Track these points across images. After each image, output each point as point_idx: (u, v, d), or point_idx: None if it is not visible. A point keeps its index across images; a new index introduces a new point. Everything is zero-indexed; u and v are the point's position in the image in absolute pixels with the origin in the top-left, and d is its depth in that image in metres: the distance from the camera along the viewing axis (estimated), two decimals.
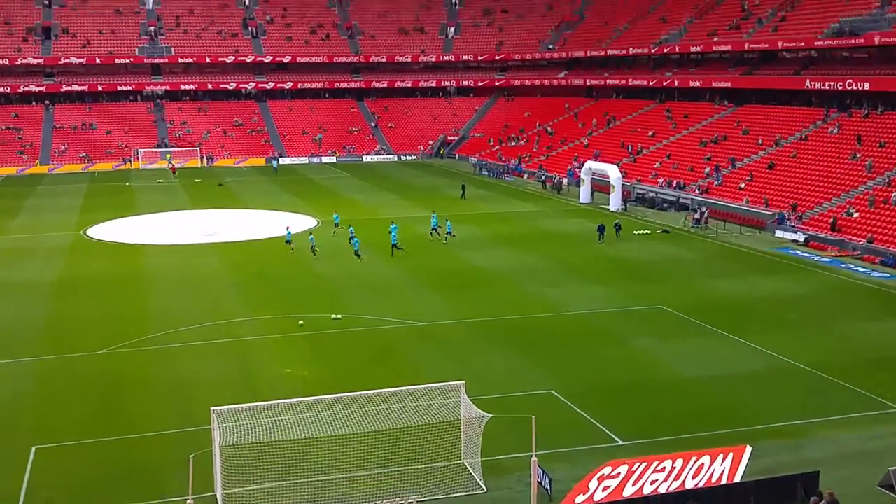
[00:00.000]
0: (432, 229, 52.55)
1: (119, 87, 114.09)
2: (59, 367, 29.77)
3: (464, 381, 22.57)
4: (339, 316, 35.61)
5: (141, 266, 46.50)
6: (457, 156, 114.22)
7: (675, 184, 70.34)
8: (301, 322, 34.74)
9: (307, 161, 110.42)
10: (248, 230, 58.10)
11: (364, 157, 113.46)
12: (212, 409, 20.85)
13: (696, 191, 67.45)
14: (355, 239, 45.99)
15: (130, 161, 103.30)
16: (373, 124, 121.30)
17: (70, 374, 29.03)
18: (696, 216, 59.67)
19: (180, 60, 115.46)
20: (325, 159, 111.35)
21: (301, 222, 60.66)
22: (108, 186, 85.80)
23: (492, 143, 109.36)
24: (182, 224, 61.52)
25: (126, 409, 25.93)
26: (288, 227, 50.54)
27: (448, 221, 52.63)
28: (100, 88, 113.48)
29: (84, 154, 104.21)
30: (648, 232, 56.58)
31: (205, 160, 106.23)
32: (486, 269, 45.31)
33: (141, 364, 30.01)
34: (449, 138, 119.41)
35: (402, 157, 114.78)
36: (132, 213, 66.65)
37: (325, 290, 40.83)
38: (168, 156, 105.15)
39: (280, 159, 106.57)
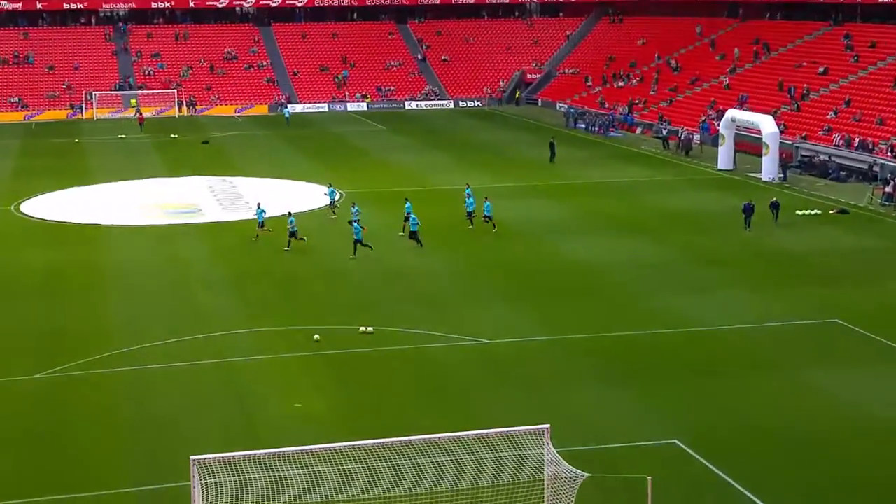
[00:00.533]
0: (468, 213, 52.13)
1: (66, 5, 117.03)
2: None
3: (548, 426, 22.35)
4: (369, 329, 35.82)
5: (96, 256, 47.43)
6: (539, 101, 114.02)
7: (856, 142, 69.07)
8: (316, 337, 35.05)
9: (326, 108, 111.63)
10: (242, 207, 58.89)
11: (406, 102, 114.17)
12: (191, 458, 21.02)
13: (889, 153, 66.10)
14: (357, 227, 45.53)
15: (82, 109, 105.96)
16: (419, 57, 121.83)
17: None
18: (888, 189, 58.52)
19: None
20: (351, 106, 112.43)
21: (313, 195, 61.34)
22: (51, 144, 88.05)
23: (590, 84, 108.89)
24: (153, 197, 62.62)
25: (69, 458, 26.26)
26: (259, 204, 50.59)
27: (488, 201, 51.73)
28: (39, 6, 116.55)
29: (16, 98, 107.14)
30: (818, 213, 55.88)
31: (185, 108, 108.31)
32: (581, 265, 45.18)
33: (92, 394, 30.50)
34: (528, 77, 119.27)
35: (461, 103, 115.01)
36: (84, 181, 68.17)
37: (350, 293, 41.20)
38: (133, 101, 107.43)
39: (289, 107, 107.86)
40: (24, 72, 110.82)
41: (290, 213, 48.98)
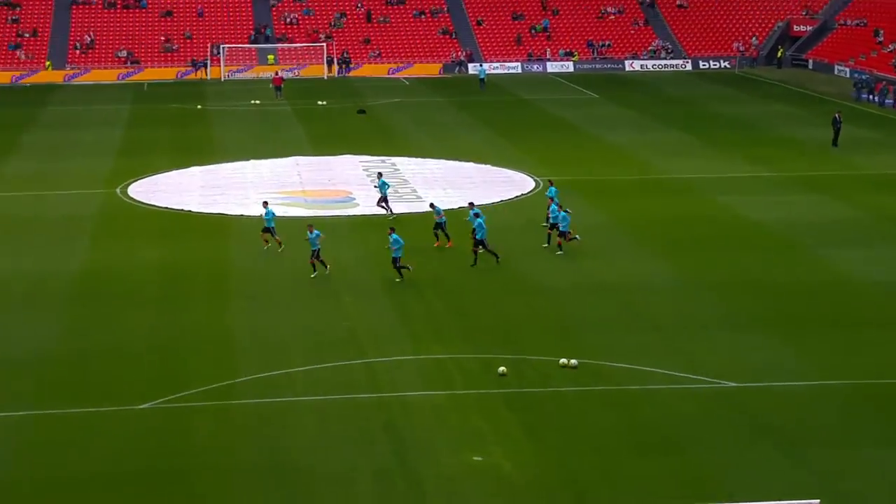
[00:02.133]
0: (549, 224, 50.00)
1: None
2: (63, 430, 31.85)
3: (818, 501, 21.86)
4: (573, 362, 35.85)
5: (220, 255, 49.13)
6: (809, 62, 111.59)
7: None
8: (502, 370, 35.33)
9: (519, 69, 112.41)
10: (408, 196, 59.91)
11: (627, 62, 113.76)
12: None
13: None
14: (396, 238, 44.93)
15: (206, 65, 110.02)
16: (646, 1, 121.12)
17: (83, 442, 31.00)
18: None
19: None
20: (552, 66, 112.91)
21: (496, 182, 61.84)
22: (167, 110, 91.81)
23: (882, 40, 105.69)
24: (293, 181, 64.43)
25: None
26: (266, 204, 50.12)
27: (565, 213, 48.90)
28: None
29: (125, 52, 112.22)
30: None
31: (335, 66, 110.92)
32: (867, 288, 44.17)
33: (212, 431, 31.56)
34: (795, 29, 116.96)
35: (702, 63, 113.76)
36: (207, 158, 70.79)
37: (547, 312, 41.46)
38: (271, 58, 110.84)
39: (469, 65, 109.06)
40: (135, 18, 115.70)
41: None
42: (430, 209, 50.17)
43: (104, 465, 29.49)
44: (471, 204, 50.04)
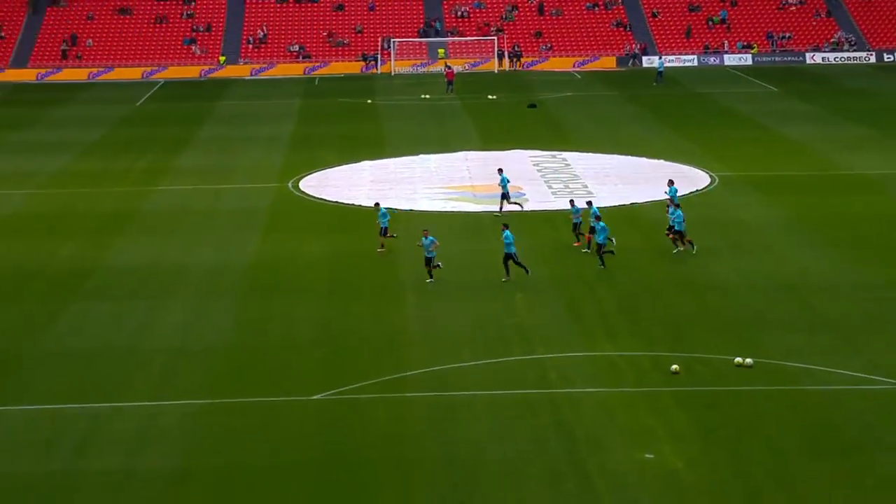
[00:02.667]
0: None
1: None
2: (239, 419, 33.13)
3: None
4: (748, 361, 35.74)
5: (389, 248, 50.01)
6: None
7: None
8: (675, 367, 35.44)
9: (695, 62, 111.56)
10: (578, 192, 60.20)
11: (808, 55, 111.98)
12: None
13: None
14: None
15: (376, 60, 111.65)
16: None
17: (259, 432, 32.14)
18: None
19: None
20: (730, 59, 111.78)
21: (667, 178, 61.72)
22: (338, 105, 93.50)
23: None
24: (462, 176, 65.20)
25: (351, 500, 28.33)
26: (378, 204, 50.32)
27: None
28: None
29: (297, 46, 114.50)
30: None
31: (506, 60, 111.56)
32: None
33: (382, 424, 32.39)
34: None
35: (887, 56, 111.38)
36: (377, 153, 72.10)
37: (721, 310, 41.48)
38: (441, 52, 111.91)
39: (644, 58, 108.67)
40: (308, 12, 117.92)
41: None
42: (569, 207, 50.08)
43: (279, 455, 30.49)
44: (589, 203, 49.94)
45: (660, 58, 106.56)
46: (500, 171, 56.37)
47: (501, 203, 55.18)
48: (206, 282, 45.30)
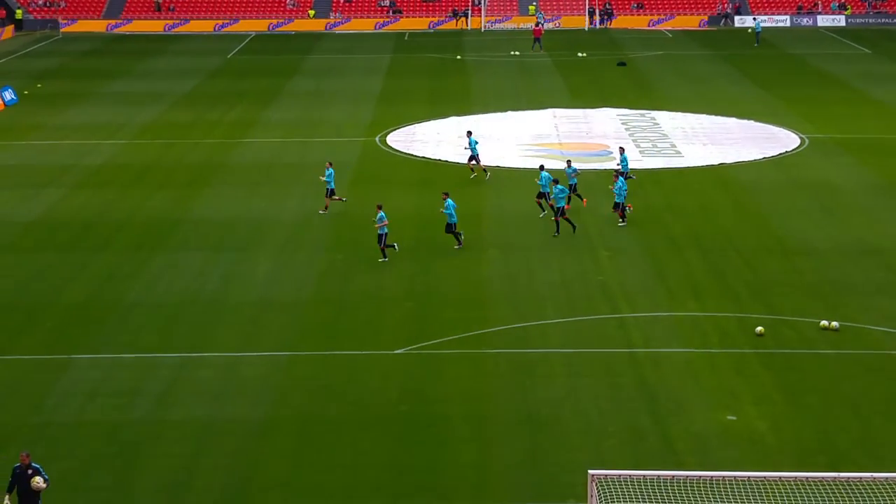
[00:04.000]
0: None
1: None
2: (323, 371, 33.41)
3: None
4: (834, 324, 35.34)
5: (474, 204, 49.84)
6: None
7: None
8: (759, 329, 35.19)
9: (788, 23, 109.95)
10: (665, 151, 59.68)
11: None
12: (589, 472, 21.99)
13: None
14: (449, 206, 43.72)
15: (467, 16, 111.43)
16: None
17: (342, 384, 32.40)
18: None
19: None
20: (823, 20, 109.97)
21: (765, 138, 60.91)
22: (427, 60, 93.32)
23: None
24: (550, 133, 64.88)
25: (429, 455, 28.29)
26: (329, 165, 49.09)
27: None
28: None
29: (387, 1, 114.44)
30: None
31: (596, 16, 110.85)
32: None
33: (461, 380, 32.52)
34: None
35: None
36: (464, 109, 71.86)
37: (809, 272, 41.09)
38: (532, 8, 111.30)
39: (735, 18, 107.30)
40: None
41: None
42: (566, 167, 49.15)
43: (361, 408, 30.73)
44: (568, 162, 49.54)
45: (755, 19, 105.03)
46: (469, 133, 55.60)
47: (476, 164, 54.44)
48: (292, 235, 45.44)
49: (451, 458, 27.99)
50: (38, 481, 23.21)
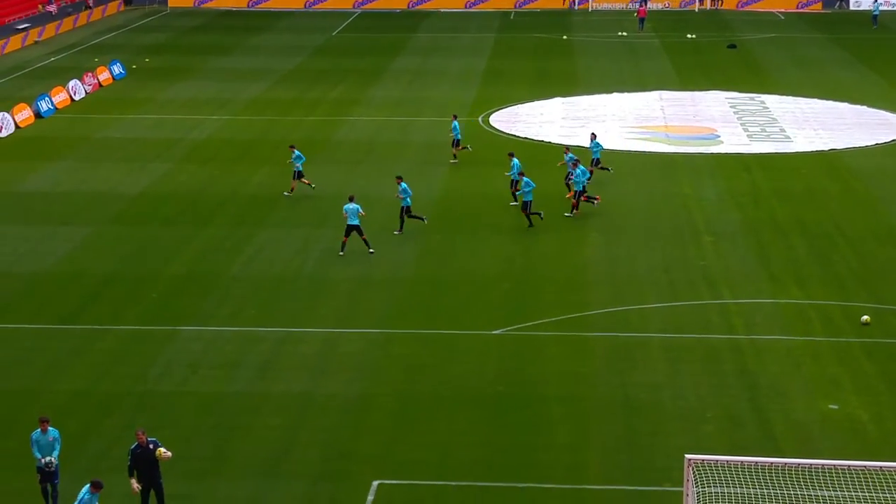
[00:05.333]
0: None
1: None
2: (421, 349, 33.88)
3: None
4: (865, 318, 35.12)
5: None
6: None
7: None
8: (866, 318, 34.99)
9: None
10: (775, 136, 59.28)
11: None
12: (686, 456, 22.18)
13: None
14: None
15: None
16: None
17: (440, 363, 32.85)
18: None
19: None
20: None
21: (877, 125, 60.28)
22: (532, 40, 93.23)
23: None
24: (656, 115, 64.69)
25: (526, 435, 28.66)
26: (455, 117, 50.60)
27: (580, 166, 45.99)
28: None
29: None
30: None
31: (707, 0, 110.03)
32: None
33: (558, 361, 32.84)
34: None
35: None
36: (569, 90, 71.85)
37: None
38: None
39: (850, 0, 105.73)
40: None
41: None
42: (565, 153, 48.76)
43: (458, 387, 31.19)
44: (566, 148, 49.58)
45: (875, 1, 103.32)
46: (455, 116, 55.73)
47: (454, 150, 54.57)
48: (392, 214, 45.85)
49: (547, 440, 28.33)
50: (162, 451, 23.78)
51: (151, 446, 23.77)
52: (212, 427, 28.87)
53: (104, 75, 73.83)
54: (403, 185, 43.18)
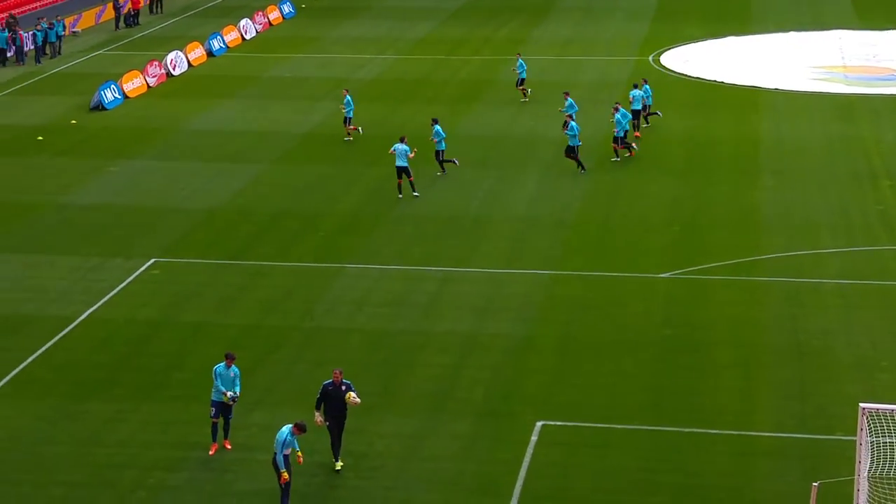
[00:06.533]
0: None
1: None
2: (586, 291, 33.77)
3: None
4: None
5: (750, 129, 49.47)
6: None
7: None
8: None
9: None
10: None
11: None
12: (861, 405, 21.79)
13: None
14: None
15: None
16: None
17: (605, 305, 32.77)
18: None
19: None
20: None
21: None
22: None
23: None
24: (832, 55, 63.09)
25: (694, 383, 28.38)
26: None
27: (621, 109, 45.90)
28: None
29: None
30: None
31: None
32: None
33: (729, 305, 32.48)
34: None
35: None
36: (744, 28, 70.60)
37: None
38: None
39: None
40: None
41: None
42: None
43: (624, 329, 31.13)
44: (566, 94, 48.36)
45: None
46: (519, 55, 55.44)
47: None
48: (557, 154, 45.54)
49: (715, 384, 28.09)
50: (352, 396, 24.16)
51: (344, 388, 24.11)
52: (378, 363, 29.32)
53: (274, 14, 74.88)
54: (437, 127, 43.06)
